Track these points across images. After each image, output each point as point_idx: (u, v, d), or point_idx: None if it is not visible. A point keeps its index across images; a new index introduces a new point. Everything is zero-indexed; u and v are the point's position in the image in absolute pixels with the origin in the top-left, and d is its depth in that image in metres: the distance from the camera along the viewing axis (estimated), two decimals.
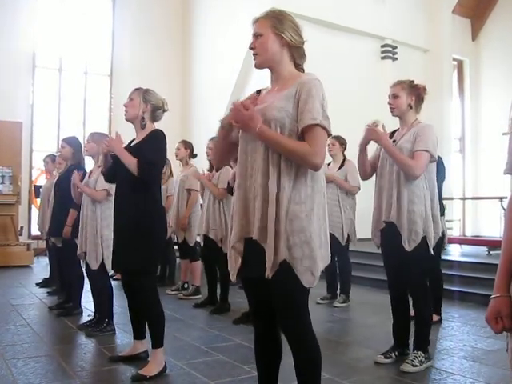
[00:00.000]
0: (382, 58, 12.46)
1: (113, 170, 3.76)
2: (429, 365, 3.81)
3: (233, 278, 2.38)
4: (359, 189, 6.19)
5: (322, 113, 2.23)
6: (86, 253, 4.78)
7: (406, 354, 3.93)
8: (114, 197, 3.84)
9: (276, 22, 2.34)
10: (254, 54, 2.37)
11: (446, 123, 12.62)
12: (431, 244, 3.75)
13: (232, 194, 2.60)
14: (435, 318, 4.91)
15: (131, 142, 3.83)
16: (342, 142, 6.37)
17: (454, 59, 14.65)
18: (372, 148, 4.12)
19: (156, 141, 3.66)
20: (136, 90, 3.78)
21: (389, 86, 3.95)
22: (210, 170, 6.15)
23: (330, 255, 2.33)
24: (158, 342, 3.63)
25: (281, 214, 2.19)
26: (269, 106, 2.29)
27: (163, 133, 3.71)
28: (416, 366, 3.71)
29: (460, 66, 15.55)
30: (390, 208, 3.78)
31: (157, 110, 3.76)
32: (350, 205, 6.24)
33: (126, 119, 3.76)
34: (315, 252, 2.22)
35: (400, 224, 3.70)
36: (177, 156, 6.83)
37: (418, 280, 3.83)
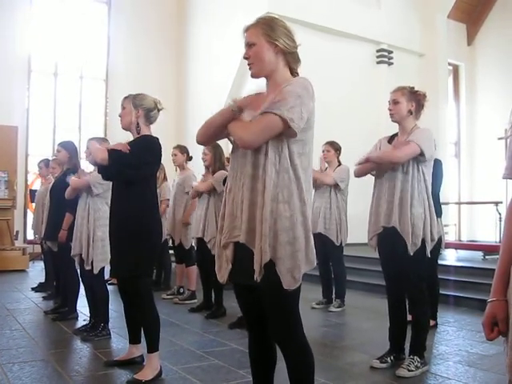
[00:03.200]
0: (378, 62, 12.49)
1: (103, 167, 3.67)
2: (424, 370, 3.80)
3: (221, 280, 2.33)
4: (337, 185, 6.09)
5: (288, 106, 2.13)
6: (80, 255, 4.78)
7: (402, 358, 3.93)
8: (110, 202, 3.84)
9: (268, 29, 2.28)
10: (248, 64, 2.34)
11: (442, 128, 12.64)
12: (429, 246, 3.74)
13: None
14: (431, 323, 4.91)
15: None
16: (337, 148, 6.31)
17: (450, 64, 14.71)
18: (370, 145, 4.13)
19: (141, 143, 3.66)
20: (125, 98, 3.77)
21: (389, 92, 3.94)
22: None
23: (315, 259, 2.26)
24: (153, 347, 3.63)
25: (266, 214, 2.15)
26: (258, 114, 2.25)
27: (153, 138, 3.70)
28: (412, 370, 3.71)
29: (455, 70, 15.61)
30: (390, 213, 3.75)
31: (150, 112, 3.74)
32: (342, 206, 6.22)
33: (123, 128, 3.77)
34: (298, 253, 2.17)
35: (402, 229, 3.68)
36: (174, 162, 6.83)
37: (416, 284, 3.82)
